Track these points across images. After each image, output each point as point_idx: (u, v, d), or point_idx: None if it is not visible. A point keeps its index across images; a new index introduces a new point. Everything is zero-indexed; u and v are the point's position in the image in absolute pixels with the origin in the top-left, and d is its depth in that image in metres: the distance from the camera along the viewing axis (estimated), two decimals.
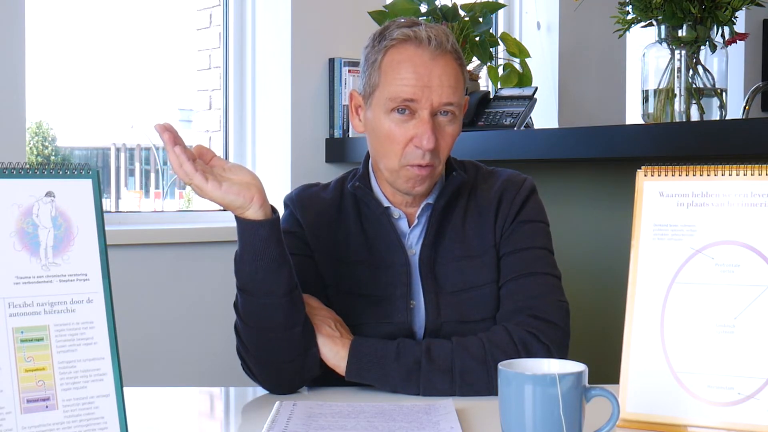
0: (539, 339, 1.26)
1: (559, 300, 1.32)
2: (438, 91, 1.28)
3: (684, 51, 1.95)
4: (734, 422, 0.98)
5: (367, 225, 1.37)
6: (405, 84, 1.28)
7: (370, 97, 1.33)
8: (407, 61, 1.29)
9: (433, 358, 1.23)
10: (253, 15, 2.70)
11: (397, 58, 1.30)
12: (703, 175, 1.04)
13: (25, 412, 0.86)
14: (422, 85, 1.28)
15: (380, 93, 1.31)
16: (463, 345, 1.25)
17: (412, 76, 1.28)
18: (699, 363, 1.01)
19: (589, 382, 0.92)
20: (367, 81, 1.34)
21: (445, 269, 1.35)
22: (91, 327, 0.91)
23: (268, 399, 1.21)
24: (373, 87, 1.32)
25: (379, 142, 1.33)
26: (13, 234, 0.88)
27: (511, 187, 1.39)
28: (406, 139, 1.30)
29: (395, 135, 1.30)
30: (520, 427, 0.90)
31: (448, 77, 1.29)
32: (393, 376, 1.22)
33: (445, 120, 1.31)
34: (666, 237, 1.05)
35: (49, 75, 2.61)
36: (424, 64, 1.28)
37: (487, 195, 1.39)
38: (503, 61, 2.76)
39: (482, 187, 1.40)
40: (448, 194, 1.36)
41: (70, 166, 0.93)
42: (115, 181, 3.50)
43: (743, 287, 1.00)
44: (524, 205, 1.38)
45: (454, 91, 1.30)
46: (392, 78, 1.29)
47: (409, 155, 1.30)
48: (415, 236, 1.37)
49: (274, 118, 2.66)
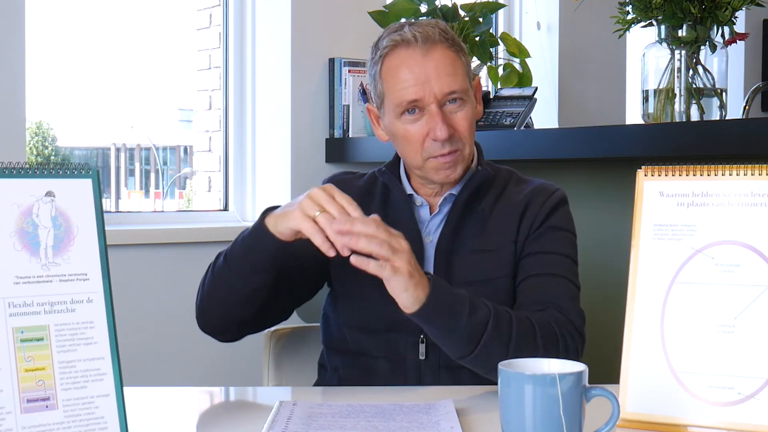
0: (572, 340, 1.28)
1: (579, 309, 1.35)
2: (437, 83, 1.32)
3: (684, 51, 1.96)
4: (734, 422, 0.98)
5: (390, 210, 1.41)
6: (405, 87, 1.33)
7: (382, 107, 1.39)
8: (401, 64, 1.34)
9: (498, 326, 1.22)
10: (253, 15, 2.70)
11: (393, 64, 1.35)
12: (704, 175, 1.04)
13: (25, 411, 0.86)
14: (421, 82, 1.32)
15: (388, 101, 1.37)
16: (520, 320, 1.25)
17: (409, 77, 1.33)
18: (699, 363, 1.01)
19: (589, 381, 0.92)
20: (375, 93, 1.40)
21: (462, 260, 1.37)
22: (91, 327, 0.91)
23: (269, 399, 1.21)
24: (381, 97, 1.38)
25: (400, 145, 1.39)
26: (13, 234, 0.88)
27: (542, 193, 1.41)
28: (422, 136, 1.34)
29: (411, 135, 1.35)
30: (520, 426, 0.90)
31: (444, 67, 1.33)
32: (459, 331, 1.21)
33: (454, 107, 1.35)
34: (666, 237, 1.05)
35: (49, 75, 2.62)
36: (417, 63, 1.33)
37: (517, 197, 1.42)
38: (503, 61, 2.76)
39: (513, 190, 1.43)
40: (472, 188, 1.39)
41: (70, 166, 0.93)
42: (115, 181, 3.50)
43: (743, 287, 1.00)
44: (554, 211, 1.40)
45: (453, 78, 1.34)
46: (393, 84, 1.35)
47: (429, 149, 1.35)
48: (434, 224, 1.40)
49: (274, 118, 2.66)
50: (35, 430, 0.86)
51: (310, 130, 2.62)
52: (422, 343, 1.34)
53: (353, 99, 2.60)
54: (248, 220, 2.70)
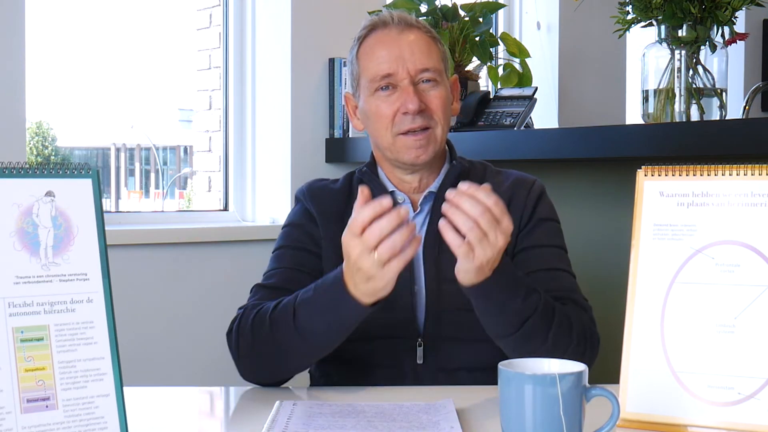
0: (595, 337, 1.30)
1: (585, 298, 1.37)
2: (411, 59, 1.35)
3: (684, 51, 1.96)
4: (734, 422, 0.98)
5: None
6: (380, 62, 1.36)
7: (358, 89, 1.41)
8: (377, 42, 1.38)
9: (545, 314, 1.22)
10: (253, 15, 2.70)
11: (369, 43, 1.39)
12: (704, 175, 1.04)
13: (25, 411, 0.86)
14: (395, 57, 1.35)
15: (363, 80, 1.39)
16: (563, 314, 1.25)
17: (384, 53, 1.36)
18: (699, 363, 1.01)
19: (589, 381, 0.92)
20: (351, 76, 1.43)
21: (449, 257, 1.35)
22: (91, 327, 0.91)
23: (269, 398, 1.21)
24: (357, 78, 1.40)
25: (371, 124, 1.39)
26: (13, 234, 0.88)
27: (522, 186, 1.42)
28: (393, 111, 1.36)
29: (382, 110, 1.36)
30: (520, 426, 0.90)
31: (419, 45, 1.37)
32: (513, 309, 1.20)
33: (427, 86, 1.37)
34: (666, 237, 1.05)
35: (49, 75, 2.62)
36: (393, 40, 1.37)
37: (496, 189, 1.40)
38: (503, 61, 2.76)
39: (492, 182, 1.41)
40: (450, 182, 1.38)
41: (70, 166, 0.93)
42: (115, 181, 3.51)
43: (743, 287, 1.00)
44: (539, 202, 1.41)
45: (428, 57, 1.36)
46: (368, 62, 1.38)
47: (399, 123, 1.35)
48: (418, 223, 1.39)
49: (274, 117, 2.66)
50: (35, 429, 0.86)
51: (310, 130, 2.63)
52: (420, 347, 1.33)
53: None
54: (248, 220, 2.70)
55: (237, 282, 1.43)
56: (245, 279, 1.32)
